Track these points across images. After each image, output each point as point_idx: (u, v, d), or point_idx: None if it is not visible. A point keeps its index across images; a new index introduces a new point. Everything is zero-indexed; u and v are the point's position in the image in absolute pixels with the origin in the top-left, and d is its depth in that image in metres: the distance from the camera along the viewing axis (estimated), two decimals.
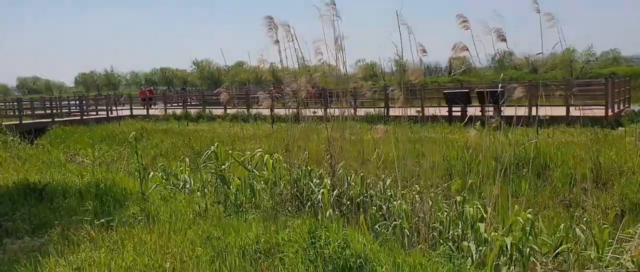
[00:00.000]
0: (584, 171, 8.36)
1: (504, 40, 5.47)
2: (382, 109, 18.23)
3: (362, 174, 5.49)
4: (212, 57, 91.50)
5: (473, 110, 16.62)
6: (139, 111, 27.22)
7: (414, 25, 4.60)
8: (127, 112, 27.14)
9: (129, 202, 4.95)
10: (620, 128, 13.77)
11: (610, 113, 14.90)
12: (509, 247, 3.53)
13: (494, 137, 6.52)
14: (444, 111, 16.53)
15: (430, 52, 4.87)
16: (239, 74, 70.81)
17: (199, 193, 5.40)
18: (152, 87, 31.53)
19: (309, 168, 6.03)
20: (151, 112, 26.52)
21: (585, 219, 5.69)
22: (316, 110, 20.30)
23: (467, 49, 5.52)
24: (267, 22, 6.00)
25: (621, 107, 16.38)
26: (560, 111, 15.20)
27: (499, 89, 6.24)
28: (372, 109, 18.30)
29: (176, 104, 29.28)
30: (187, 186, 6.02)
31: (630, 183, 7.32)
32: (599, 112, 14.61)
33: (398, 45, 4.92)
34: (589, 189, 7.78)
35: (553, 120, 14.28)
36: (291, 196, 5.34)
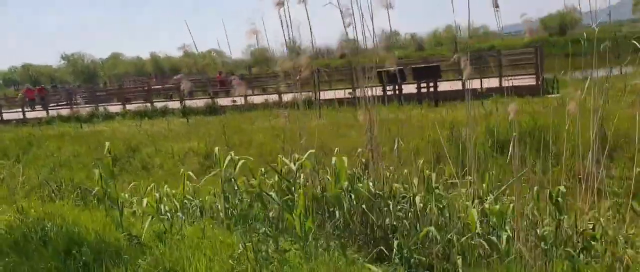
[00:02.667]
0: (587, 141, 8.02)
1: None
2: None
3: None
4: (84, 50, 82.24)
5: (408, 88, 16.14)
6: (12, 115, 22.69)
7: None
8: None
9: (125, 256, 3.11)
10: (551, 95, 14.14)
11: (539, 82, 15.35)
12: None
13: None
14: (378, 91, 15.76)
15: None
16: (116, 66, 64.56)
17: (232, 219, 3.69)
18: (43, 86, 26.16)
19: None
20: (29, 115, 22.25)
21: None
22: (235, 99, 18.30)
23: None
24: None
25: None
26: (490, 83, 15.31)
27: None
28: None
29: (56, 104, 25.06)
30: (188, 211, 4.22)
31: None
32: (530, 81, 14.95)
33: None
34: (602, 160, 7.42)
35: (489, 92, 14.28)
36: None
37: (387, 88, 16.29)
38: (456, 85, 17.30)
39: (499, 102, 13.30)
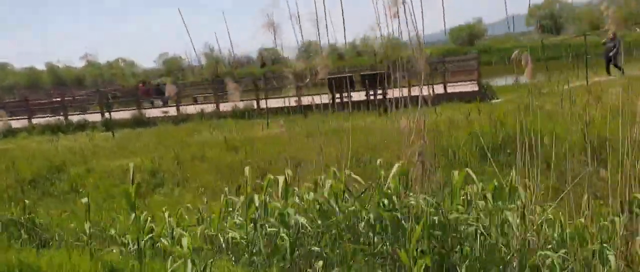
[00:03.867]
0: (571, 145, 7.89)
1: None
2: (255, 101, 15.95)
3: None
4: None
5: (357, 96, 15.66)
6: None
7: None
8: None
9: None
10: (495, 100, 14.39)
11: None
12: None
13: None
14: (325, 99, 15.14)
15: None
16: (6, 78, 58.03)
17: None
18: None
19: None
20: None
21: None
22: (167, 110, 16.83)
23: None
24: None
25: None
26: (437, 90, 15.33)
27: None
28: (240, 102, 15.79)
29: None
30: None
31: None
32: (472, 87, 15.18)
33: None
34: (591, 166, 7.31)
35: (435, 98, 14.25)
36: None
37: (334, 96, 15.75)
38: (399, 93, 17.20)
39: (447, 108, 13.25)
